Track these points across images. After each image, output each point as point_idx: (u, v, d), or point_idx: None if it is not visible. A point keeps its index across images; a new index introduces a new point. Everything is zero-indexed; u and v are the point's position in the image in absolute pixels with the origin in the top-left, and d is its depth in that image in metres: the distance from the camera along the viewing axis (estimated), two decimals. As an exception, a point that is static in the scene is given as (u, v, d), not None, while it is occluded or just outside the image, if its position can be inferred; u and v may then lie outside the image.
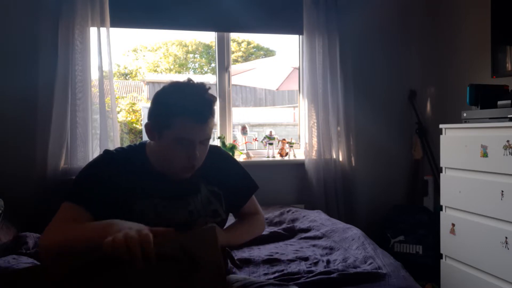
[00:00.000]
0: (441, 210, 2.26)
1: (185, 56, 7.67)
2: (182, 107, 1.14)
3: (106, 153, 1.24)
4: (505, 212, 1.83)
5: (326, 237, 2.03)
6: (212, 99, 1.19)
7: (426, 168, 3.07)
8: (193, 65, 7.74)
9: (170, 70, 7.52)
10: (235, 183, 1.37)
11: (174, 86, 1.20)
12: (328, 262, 1.68)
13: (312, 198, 2.87)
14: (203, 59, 7.51)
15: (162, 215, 1.19)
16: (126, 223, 0.98)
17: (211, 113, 1.19)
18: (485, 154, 1.94)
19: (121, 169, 1.19)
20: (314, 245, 1.94)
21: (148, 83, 6.27)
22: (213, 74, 4.59)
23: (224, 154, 1.41)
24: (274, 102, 6.74)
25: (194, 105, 1.15)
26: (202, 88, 1.19)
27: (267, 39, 12.64)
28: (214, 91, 3.01)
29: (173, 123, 1.15)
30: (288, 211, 2.48)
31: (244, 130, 3.02)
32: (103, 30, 2.56)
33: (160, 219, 1.18)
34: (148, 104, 1.43)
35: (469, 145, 2.04)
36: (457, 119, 2.28)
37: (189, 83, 1.21)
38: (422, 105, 3.14)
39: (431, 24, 3.04)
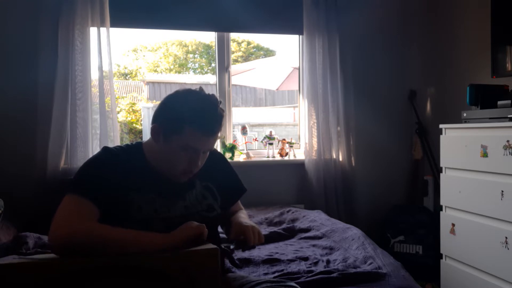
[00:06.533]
0: (441, 210, 2.26)
1: (185, 56, 7.66)
2: (196, 117, 1.17)
3: (106, 150, 1.25)
4: (505, 212, 1.83)
5: (326, 237, 2.03)
6: (223, 115, 1.24)
7: (426, 168, 3.07)
8: (193, 65, 7.73)
9: (170, 70, 7.51)
10: (227, 184, 1.42)
11: (189, 94, 1.22)
12: (328, 262, 1.68)
13: (312, 198, 2.87)
14: (203, 59, 7.49)
15: (159, 211, 1.21)
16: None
17: (220, 128, 1.24)
18: (485, 154, 1.94)
19: (120, 165, 1.20)
20: (314, 245, 1.94)
21: (148, 83, 6.26)
22: (213, 74, 4.59)
23: (218, 155, 1.46)
24: (274, 102, 6.72)
25: (208, 117, 1.19)
26: (215, 101, 1.22)
27: (267, 39, 12.60)
28: (214, 91, 3.02)
29: (184, 130, 1.17)
30: (288, 211, 2.49)
31: (244, 130, 3.02)
32: (103, 30, 2.56)
33: (157, 215, 1.20)
34: (148, 104, 1.45)
35: (469, 145, 2.03)
36: (457, 119, 2.27)
37: (203, 93, 1.23)
38: (422, 105, 3.14)
39: (431, 24, 3.04)
